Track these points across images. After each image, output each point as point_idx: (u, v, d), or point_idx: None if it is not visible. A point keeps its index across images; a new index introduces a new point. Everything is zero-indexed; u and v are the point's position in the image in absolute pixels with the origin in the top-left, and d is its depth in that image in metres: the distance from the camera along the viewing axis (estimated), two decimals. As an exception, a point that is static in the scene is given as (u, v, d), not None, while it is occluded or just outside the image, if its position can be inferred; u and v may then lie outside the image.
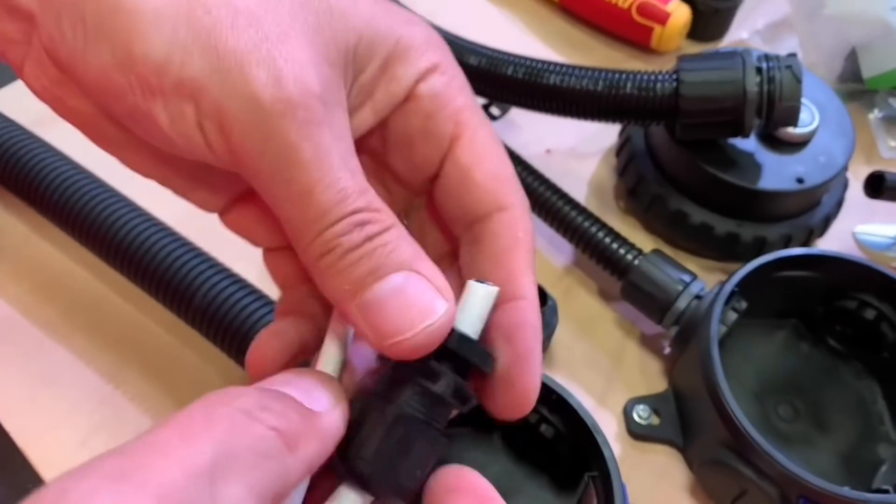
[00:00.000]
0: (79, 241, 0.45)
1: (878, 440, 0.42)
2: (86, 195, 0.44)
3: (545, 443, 0.37)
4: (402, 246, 0.21)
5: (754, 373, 0.44)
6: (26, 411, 0.42)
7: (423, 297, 0.21)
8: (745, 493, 0.38)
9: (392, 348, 0.21)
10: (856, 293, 0.43)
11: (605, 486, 0.34)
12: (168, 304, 0.42)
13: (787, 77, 0.42)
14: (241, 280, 0.42)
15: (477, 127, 0.25)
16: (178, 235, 0.43)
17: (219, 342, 0.41)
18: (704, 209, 0.47)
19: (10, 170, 0.46)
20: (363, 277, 0.21)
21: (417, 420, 0.21)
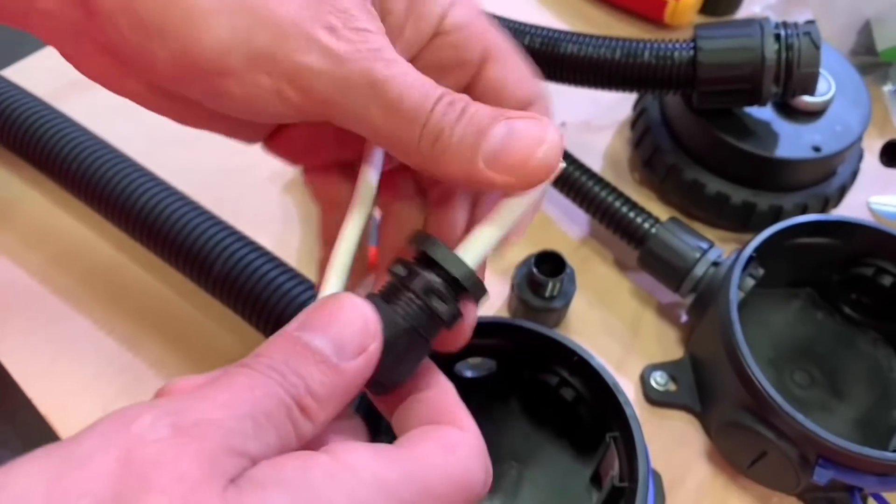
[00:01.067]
0: (97, 211, 0.45)
1: (893, 407, 0.43)
2: (104, 166, 0.45)
3: (565, 406, 0.38)
4: (485, 107, 0.23)
5: (770, 341, 0.45)
6: (48, 378, 0.42)
7: (529, 128, 0.23)
8: (764, 454, 0.38)
9: (529, 175, 0.23)
10: (873, 260, 0.43)
11: (626, 446, 0.34)
12: (186, 272, 0.43)
13: (806, 44, 0.42)
14: (259, 247, 0.42)
15: (500, 46, 0.27)
16: (197, 204, 0.44)
17: (237, 309, 0.41)
18: (720, 179, 0.47)
19: (29, 142, 0.46)
20: (477, 138, 0.23)
21: (421, 336, 0.24)
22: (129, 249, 0.46)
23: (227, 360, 0.44)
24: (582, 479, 0.38)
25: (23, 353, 0.43)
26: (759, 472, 0.40)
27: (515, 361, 0.38)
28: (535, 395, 0.39)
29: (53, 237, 0.47)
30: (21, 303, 0.45)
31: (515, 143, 0.23)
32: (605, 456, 0.36)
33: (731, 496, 0.41)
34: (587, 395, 0.37)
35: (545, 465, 0.39)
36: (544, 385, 0.38)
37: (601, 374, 0.36)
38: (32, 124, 0.46)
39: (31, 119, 0.47)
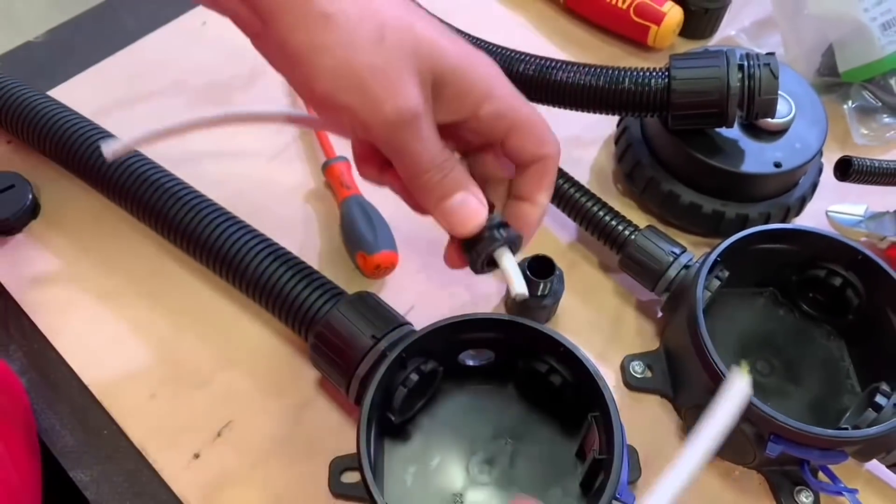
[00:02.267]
0: (141, 219, 0.51)
1: (843, 392, 0.49)
2: (145, 179, 0.50)
3: (554, 390, 0.43)
4: (460, 176, 0.37)
5: (736, 335, 0.50)
6: (100, 368, 0.48)
7: (472, 205, 0.38)
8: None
9: (457, 234, 0.38)
10: (825, 263, 0.49)
11: (605, 424, 0.40)
12: (222, 275, 0.48)
13: (766, 74, 0.48)
14: (286, 252, 0.48)
15: (524, 122, 0.38)
16: (231, 214, 0.49)
17: (268, 306, 0.47)
18: (693, 190, 0.53)
19: (79, 158, 0.52)
20: (441, 196, 0.37)
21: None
22: (169, 253, 0.52)
23: (258, 352, 0.51)
24: (569, 453, 0.43)
25: (79, 346, 0.49)
26: (722, 449, 0.45)
27: (511, 352, 0.44)
28: (528, 382, 0.45)
29: (101, 243, 0.53)
30: (76, 302, 0.50)
31: (457, 211, 0.37)
32: (588, 433, 0.42)
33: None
34: (572, 380, 0.43)
35: (537, 441, 0.44)
36: (536, 372, 0.43)
37: (584, 363, 0.41)
38: (78, 140, 0.52)
39: (77, 136, 0.52)
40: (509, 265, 0.38)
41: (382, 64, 0.34)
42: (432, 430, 0.45)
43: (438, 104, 0.36)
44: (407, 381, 0.42)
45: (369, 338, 0.42)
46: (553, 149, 0.39)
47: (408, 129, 0.35)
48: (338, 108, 0.35)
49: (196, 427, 0.46)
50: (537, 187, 0.39)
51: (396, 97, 0.34)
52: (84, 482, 0.45)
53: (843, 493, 0.44)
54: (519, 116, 0.38)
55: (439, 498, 0.42)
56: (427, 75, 0.35)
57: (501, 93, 0.37)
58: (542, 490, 0.42)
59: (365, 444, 0.38)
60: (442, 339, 0.43)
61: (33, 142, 0.54)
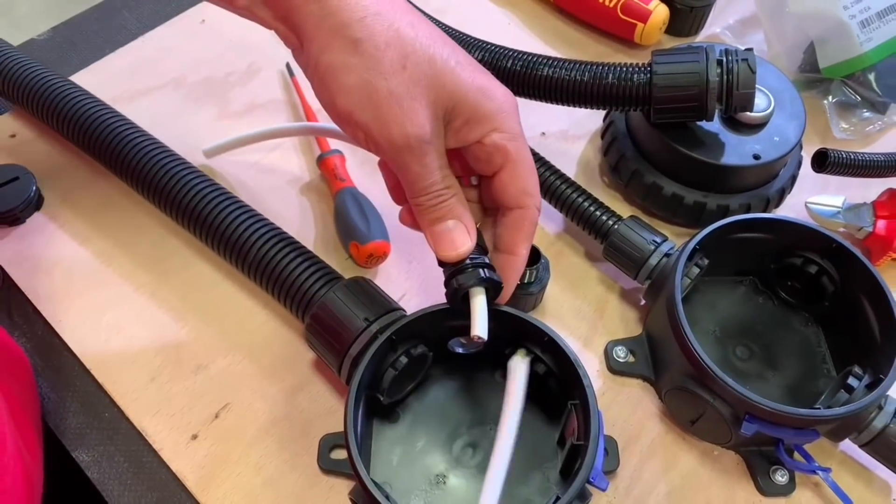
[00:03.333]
0: (145, 195, 0.53)
1: (819, 376, 0.50)
2: (157, 163, 0.52)
3: (538, 379, 0.44)
4: (456, 207, 0.41)
5: (716, 321, 0.52)
6: (102, 353, 0.50)
7: (459, 234, 0.41)
8: (703, 413, 0.45)
9: (441, 258, 0.42)
10: (801, 252, 0.50)
11: (584, 412, 0.41)
12: (226, 256, 0.50)
13: (744, 69, 0.49)
14: (289, 237, 0.50)
15: (517, 162, 0.41)
16: (237, 199, 0.51)
17: (269, 288, 0.49)
18: (676, 182, 0.55)
19: (94, 140, 0.54)
20: (433, 219, 0.41)
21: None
22: (170, 243, 0.54)
23: (256, 339, 0.52)
24: (550, 441, 0.45)
25: (81, 332, 0.51)
26: (701, 429, 0.47)
27: (499, 341, 0.45)
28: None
29: (103, 233, 0.55)
30: (78, 290, 0.52)
31: (444, 236, 0.41)
32: (568, 420, 0.43)
33: (680, 450, 0.48)
34: (555, 369, 0.44)
35: (522, 428, 0.45)
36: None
37: (566, 352, 0.42)
38: (97, 125, 0.54)
39: (96, 121, 0.54)
40: (478, 306, 0.41)
41: (399, 91, 0.37)
42: (420, 414, 0.46)
43: (449, 130, 0.40)
44: (396, 363, 0.43)
45: (362, 320, 0.44)
46: (534, 202, 0.42)
47: (412, 153, 0.38)
48: (354, 124, 0.38)
49: (194, 409, 0.48)
50: (516, 237, 0.42)
51: (405, 123, 0.37)
52: (86, 462, 0.47)
53: (816, 471, 0.46)
54: (517, 155, 0.41)
55: (423, 478, 0.44)
56: (440, 106, 0.39)
57: (508, 127, 0.41)
58: (524, 476, 0.44)
59: (352, 421, 0.39)
60: (432, 325, 0.44)
61: (35, 108, 0.56)
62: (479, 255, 0.41)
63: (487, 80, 0.41)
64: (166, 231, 0.55)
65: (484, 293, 0.41)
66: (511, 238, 0.43)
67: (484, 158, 0.41)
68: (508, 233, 0.43)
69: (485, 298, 0.41)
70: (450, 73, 0.39)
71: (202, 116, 0.61)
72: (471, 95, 0.39)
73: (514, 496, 0.43)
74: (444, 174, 0.40)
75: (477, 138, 0.40)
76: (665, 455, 0.48)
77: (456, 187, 0.41)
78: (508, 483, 0.43)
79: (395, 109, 0.37)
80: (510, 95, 0.41)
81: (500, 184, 0.42)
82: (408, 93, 0.37)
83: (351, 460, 0.39)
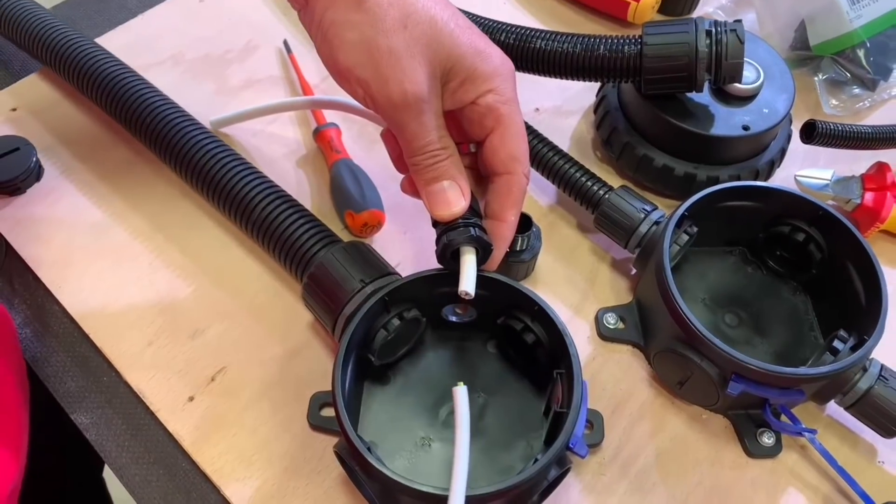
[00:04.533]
0: (153, 149, 0.54)
1: (807, 343, 0.51)
2: (170, 122, 0.53)
3: (527, 348, 0.45)
4: (451, 168, 0.41)
5: (706, 290, 0.53)
6: (100, 318, 0.51)
7: (454, 194, 0.41)
8: (691, 374, 0.46)
9: (435, 216, 0.42)
10: (789, 220, 0.51)
11: (569, 381, 0.42)
12: (229, 213, 0.51)
13: (732, 39, 0.50)
14: (292, 199, 0.50)
15: (508, 126, 0.42)
16: (245, 160, 0.52)
17: (270, 247, 0.49)
18: (666, 154, 0.56)
19: (116, 103, 0.55)
20: (428, 179, 0.41)
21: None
22: (166, 214, 0.55)
23: (253, 305, 0.53)
24: (537, 412, 0.46)
25: (80, 298, 0.51)
26: (689, 391, 0.48)
27: (492, 310, 0.46)
28: (505, 340, 0.47)
29: (102, 204, 0.56)
30: (77, 258, 0.53)
31: (439, 195, 0.41)
32: (554, 390, 0.43)
33: (669, 413, 0.49)
34: (545, 339, 0.44)
35: (508, 397, 0.46)
36: (512, 330, 0.45)
37: (555, 321, 0.43)
38: (119, 90, 0.56)
39: (117, 84, 0.56)
40: (468, 264, 0.42)
41: (399, 49, 0.38)
42: (411, 378, 0.47)
43: (446, 91, 0.41)
44: (388, 324, 0.44)
45: (358, 281, 0.45)
46: (523, 168, 0.43)
47: (409, 111, 0.39)
48: (354, 80, 0.39)
49: (191, 372, 0.49)
50: (505, 203, 0.43)
51: (403, 81, 0.38)
52: (84, 424, 0.48)
53: (803, 433, 0.46)
54: (508, 118, 0.42)
55: (409, 439, 0.44)
56: (438, 65, 0.39)
57: (503, 90, 0.41)
58: (508, 443, 0.44)
59: (340, 375, 0.40)
60: (425, 290, 0.45)
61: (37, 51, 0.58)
62: (470, 217, 0.42)
63: (486, 44, 0.41)
64: (164, 202, 0.56)
65: (474, 253, 0.42)
66: (499, 204, 0.43)
67: (477, 120, 0.42)
68: (497, 199, 0.43)
69: (474, 257, 0.42)
70: (449, 34, 0.39)
71: (200, 92, 0.62)
72: (468, 56, 0.40)
73: (496, 462, 0.44)
74: (441, 135, 0.41)
75: (472, 99, 0.41)
76: (654, 418, 0.49)
77: (452, 149, 0.42)
78: (491, 451, 0.44)
79: (394, 67, 0.38)
80: (507, 61, 0.42)
81: (491, 147, 0.42)
82: (407, 51, 0.38)
83: (336, 413, 0.39)
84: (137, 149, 0.58)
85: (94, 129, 0.60)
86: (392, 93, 0.38)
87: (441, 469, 0.43)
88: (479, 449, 0.44)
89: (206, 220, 0.55)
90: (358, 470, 0.39)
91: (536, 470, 0.38)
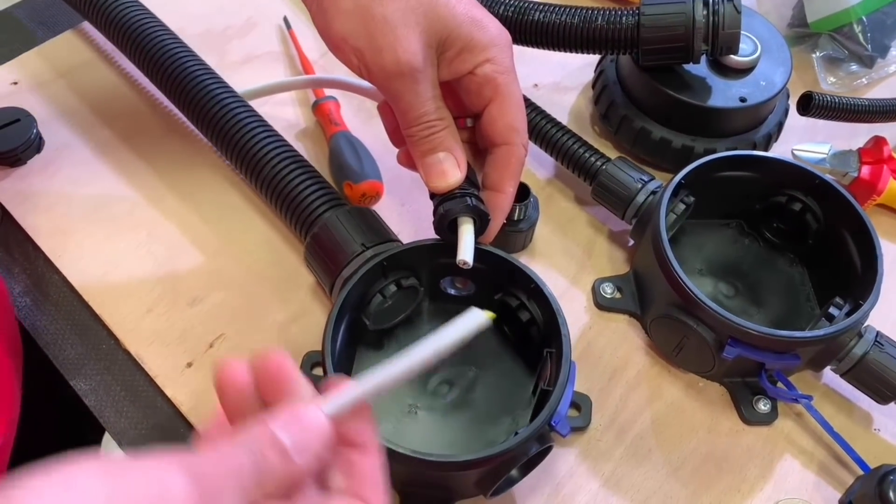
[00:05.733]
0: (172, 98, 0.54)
1: (803, 314, 0.51)
2: (194, 75, 0.53)
3: (521, 326, 0.45)
4: (448, 139, 0.41)
5: (702, 260, 0.53)
6: (100, 286, 0.51)
7: (450, 165, 0.41)
8: (686, 339, 0.46)
9: (431, 188, 0.42)
10: (785, 189, 0.51)
11: (558, 360, 0.42)
12: (240, 167, 0.51)
13: (729, 9, 0.50)
14: (303, 159, 0.50)
15: (506, 96, 0.42)
16: (257, 114, 0.52)
17: (276, 203, 0.49)
18: (664, 127, 0.56)
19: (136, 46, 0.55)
20: (425, 150, 0.41)
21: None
22: (165, 183, 0.55)
23: (254, 272, 0.53)
24: (526, 390, 0.46)
25: (80, 267, 0.52)
26: (684, 358, 0.48)
27: (490, 285, 0.46)
28: (501, 316, 0.46)
29: (101, 174, 0.56)
30: (77, 227, 0.53)
31: (435, 167, 0.41)
32: (543, 369, 0.43)
33: (665, 381, 0.49)
34: (538, 318, 0.44)
35: (499, 373, 0.46)
36: (507, 306, 0.45)
37: (549, 300, 0.43)
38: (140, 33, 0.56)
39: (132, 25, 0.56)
40: (465, 233, 0.42)
41: (394, 17, 0.38)
42: (405, 345, 0.46)
43: (443, 61, 0.41)
44: (385, 289, 0.44)
45: (359, 245, 0.45)
46: (521, 139, 0.43)
47: (403, 80, 0.39)
48: (349, 49, 0.39)
49: (190, 339, 0.49)
50: (503, 174, 0.43)
51: (397, 50, 0.38)
52: (84, 391, 0.48)
53: (798, 399, 0.47)
54: (506, 88, 0.41)
55: (397, 405, 0.45)
56: (434, 36, 0.39)
57: (500, 60, 0.41)
58: (494, 417, 0.44)
59: (331, 334, 0.40)
60: (425, 259, 0.45)
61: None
62: (468, 188, 0.42)
63: (482, 14, 0.41)
64: (162, 174, 0.56)
65: (471, 223, 0.42)
66: (498, 175, 0.43)
67: (474, 90, 0.42)
68: (495, 170, 0.43)
69: (472, 227, 0.42)
70: (445, 4, 0.40)
71: (200, 67, 0.62)
72: (465, 26, 0.40)
73: (480, 435, 0.44)
74: (437, 105, 0.41)
75: (469, 69, 0.41)
76: (650, 386, 0.49)
77: (448, 120, 0.42)
78: (477, 424, 0.44)
79: (388, 36, 0.38)
80: (504, 31, 0.42)
81: (489, 118, 0.42)
82: (402, 20, 0.38)
83: (324, 371, 0.40)
84: (137, 123, 0.59)
85: (94, 103, 0.60)
86: (386, 62, 0.38)
87: (425, 437, 0.44)
88: (466, 420, 0.44)
89: (205, 192, 0.55)
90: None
91: (515, 443, 0.38)
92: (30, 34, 0.64)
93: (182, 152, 0.57)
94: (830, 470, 0.47)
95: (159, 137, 0.58)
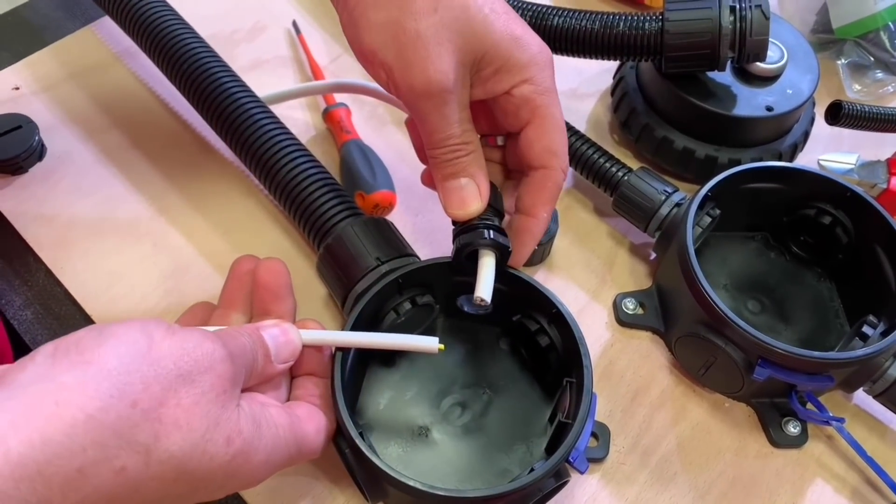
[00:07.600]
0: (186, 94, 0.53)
1: (832, 331, 0.49)
2: (213, 76, 0.51)
3: (539, 350, 0.43)
4: (471, 165, 0.39)
5: (728, 275, 0.51)
6: (103, 301, 0.49)
7: (470, 193, 0.39)
8: (714, 360, 0.44)
9: (449, 214, 0.40)
10: (814, 202, 0.49)
11: (578, 391, 0.40)
12: (256, 171, 0.49)
13: (757, 15, 0.49)
14: (321, 166, 0.48)
15: (545, 118, 0.40)
16: (276, 118, 0.50)
17: (291, 210, 0.48)
18: (687, 136, 0.54)
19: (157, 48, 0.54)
20: (446, 174, 0.39)
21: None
22: (171, 193, 0.53)
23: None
24: (542, 417, 0.43)
25: (83, 281, 0.50)
26: (711, 378, 0.46)
27: (508, 306, 0.44)
28: (519, 339, 0.45)
29: (104, 184, 0.54)
30: (80, 240, 0.52)
31: (455, 193, 0.39)
32: (562, 398, 0.41)
33: (690, 401, 0.47)
34: (558, 344, 0.42)
35: (515, 398, 0.44)
36: (526, 330, 0.43)
37: (571, 327, 0.41)
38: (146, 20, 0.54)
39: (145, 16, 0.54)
40: (484, 268, 0.39)
41: (427, 33, 0.36)
42: (416, 364, 0.45)
43: (478, 80, 0.39)
44: (399, 307, 0.42)
45: (374, 258, 0.43)
46: (560, 163, 0.40)
47: (431, 100, 0.37)
48: (378, 63, 0.37)
49: (196, 355, 0.47)
50: (537, 199, 0.41)
51: (428, 68, 0.36)
52: (86, 408, 0.46)
53: (830, 422, 0.45)
54: (546, 110, 0.39)
55: (407, 426, 0.43)
56: (469, 54, 0.37)
57: (539, 80, 0.39)
58: (507, 445, 0.42)
59: (341, 355, 0.39)
60: (442, 276, 0.43)
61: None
62: (490, 217, 0.40)
63: (523, 30, 0.39)
64: (169, 183, 0.54)
65: (492, 256, 0.40)
66: (532, 199, 0.41)
67: (511, 111, 0.40)
68: (530, 194, 0.41)
69: (493, 261, 0.40)
70: (482, 20, 0.37)
71: (207, 72, 0.61)
72: (503, 44, 0.38)
73: (493, 463, 0.42)
74: (465, 129, 0.38)
75: (505, 89, 0.39)
76: (675, 406, 0.47)
77: (475, 144, 0.39)
78: (490, 451, 0.42)
79: (419, 52, 0.36)
80: (546, 48, 0.40)
81: (526, 140, 0.40)
82: (435, 36, 0.36)
83: (333, 393, 0.38)
84: (141, 129, 0.57)
85: (97, 109, 0.58)
86: (415, 79, 0.36)
87: (435, 463, 0.42)
88: (478, 446, 0.42)
89: (213, 201, 0.53)
90: (348, 453, 0.38)
91: (530, 480, 0.36)
92: (32, 39, 0.62)
93: (189, 160, 0.56)
94: (863, 495, 0.45)
95: (164, 145, 0.56)
